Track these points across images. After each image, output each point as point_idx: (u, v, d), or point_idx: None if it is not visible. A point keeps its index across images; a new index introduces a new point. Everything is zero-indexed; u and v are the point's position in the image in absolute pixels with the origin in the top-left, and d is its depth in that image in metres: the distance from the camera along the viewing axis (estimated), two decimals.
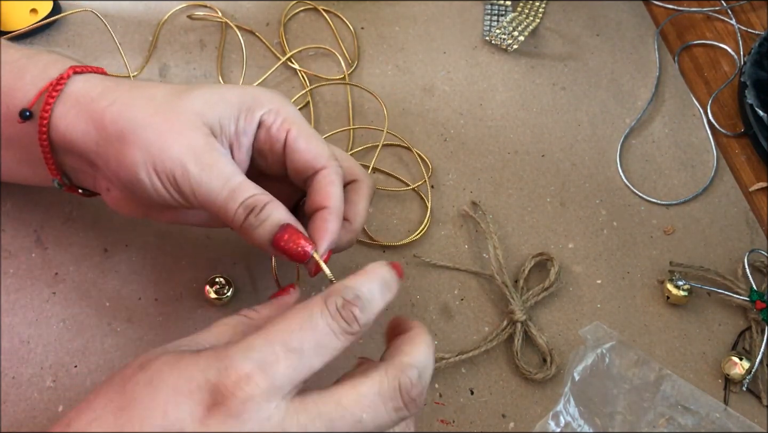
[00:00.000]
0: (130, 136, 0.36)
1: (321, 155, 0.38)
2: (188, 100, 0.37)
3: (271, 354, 0.29)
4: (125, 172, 0.36)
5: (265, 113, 0.38)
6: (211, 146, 0.36)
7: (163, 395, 0.29)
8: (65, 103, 0.37)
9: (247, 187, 0.36)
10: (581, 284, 0.49)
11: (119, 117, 0.36)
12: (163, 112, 0.36)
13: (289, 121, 0.38)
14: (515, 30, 0.57)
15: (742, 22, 0.61)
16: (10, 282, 0.44)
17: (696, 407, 0.43)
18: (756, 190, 0.54)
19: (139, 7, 0.56)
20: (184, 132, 0.36)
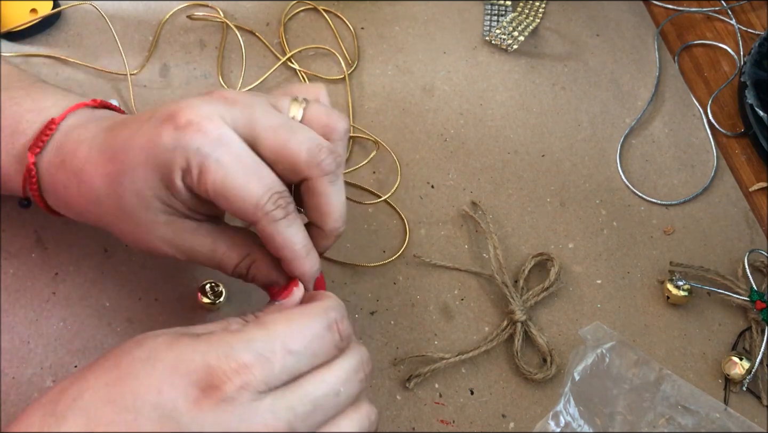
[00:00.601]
0: (116, 233, 0.38)
1: (246, 211, 0.34)
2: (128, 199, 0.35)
3: (270, 351, 0.30)
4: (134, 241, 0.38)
5: (181, 178, 0.34)
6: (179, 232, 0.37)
7: (159, 372, 0.29)
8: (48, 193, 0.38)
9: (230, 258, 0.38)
10: (581, 284, 0.49)
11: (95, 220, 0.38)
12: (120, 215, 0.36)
13: (204, 178, 0.34)
14: (515, 30, 0.57)
15: (742, 22, 0.61)
16: (10, 282, 0.44)
17: (696, 407, 0.43)
18: (756, 190, 0.54)
19: (139, 7, 0.56)
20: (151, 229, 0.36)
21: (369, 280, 0.47)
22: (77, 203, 0.38)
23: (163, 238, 0.37)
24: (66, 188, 0.37)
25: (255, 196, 0.34)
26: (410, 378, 0.44)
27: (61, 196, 0.38)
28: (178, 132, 0.34)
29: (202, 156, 0.33)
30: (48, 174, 0.38)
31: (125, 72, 0.52)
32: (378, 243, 0.48)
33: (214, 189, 0.34)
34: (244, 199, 0.34)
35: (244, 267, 0.38)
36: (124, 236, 0.38)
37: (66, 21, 0.54)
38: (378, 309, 0.46)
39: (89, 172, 0.36)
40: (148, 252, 0.38)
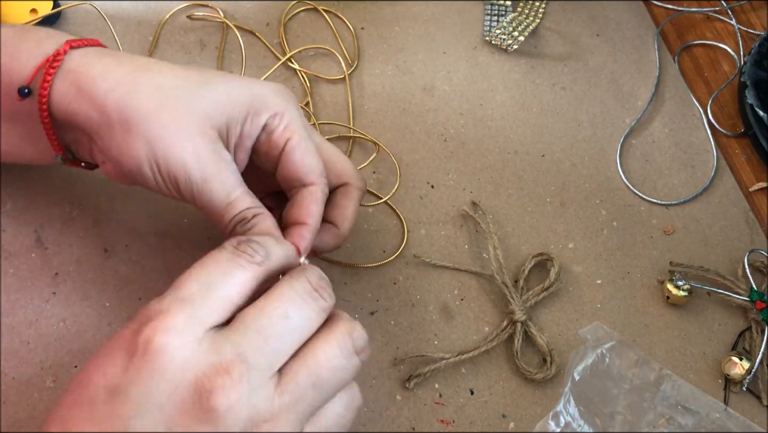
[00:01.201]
0: (134, 127, 0.35)
1: (312, 171, 0.39)
2: (198, 99, 0.36)
3: (187, 291, 0.30)
4: (127, 162, 0.36)
5: (270, 117, 0.38)
6: (216, 155, 0.36)
7: (100, 356, 0.30)
8: (65, 80, 0.36)
9: (243, 201, 0.37)
10: (581, 284, 0.49)
11: (123, 105, 0.35)
12: (171, 107, 0.36)
13: (291, 129, 0.38)
14: (515, 30, 0.57)
15: (742, 22, 0.61)
16: (10, 282, 0.44)
17: (696, 407, 0.43)
18: (756, 190, 0.54)
19: (139, 7, 0.56)
20: (191, 135, 0.36)
21: (369, 280, 0.47)
22: (112, 83, 0.36)
23: (198, 152, 0.36)
24: (108, 68, 0.36)
25: (321, 166, 0.39)
26: (410, 378, 0.44)
27: (88, 76, 0.36)
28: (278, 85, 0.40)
29: (298, 113, 0.39)
30: (82, 61, 0.37)
31: None
32: (378, 243, 0.48)
33: (297, 141, 0.38)
34: (317, 161, 0.39)
35: (251, 213, 0.37)
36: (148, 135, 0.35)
37: (66, 21, 0.54)
38: (378, 309, 0.46)
39: (157, 66, 0.37)
40: (155, 165, 0.36)
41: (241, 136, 0.38)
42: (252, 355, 0.29)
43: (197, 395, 0.28)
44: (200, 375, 0.28)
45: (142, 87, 0.36)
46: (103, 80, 0.36)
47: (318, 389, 0.31)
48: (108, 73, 0.36)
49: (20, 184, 0.47)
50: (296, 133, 0.38)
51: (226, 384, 0.28)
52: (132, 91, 0.36)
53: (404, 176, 0.51)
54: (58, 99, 0.36)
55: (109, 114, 0.36)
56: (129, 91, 0.36)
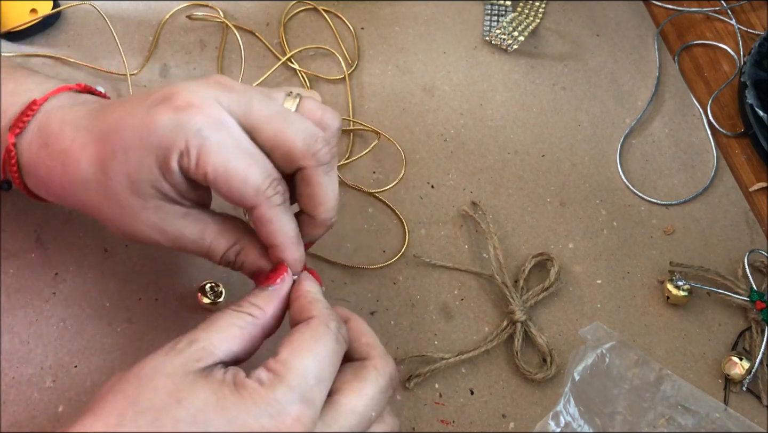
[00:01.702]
0: (100, 218, 0.37)
1: (246, 195, 0.34)
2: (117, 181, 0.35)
3: (308, 389, 0.31)
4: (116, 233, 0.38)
5: (178, 161, 0.34)
6: (167, 218, 0.36)
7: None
8: (29, 175, 0.38)
9: (219, 246, 0.37)
10: (581, 284, 0.49)
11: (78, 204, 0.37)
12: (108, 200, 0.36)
13: (203, 161, 0.33)
14: (515, 30, 0.57)
15: (742, 22, 0.61)
16: (10, 282, 0.44)
17: (696, 407, 0.43)
18: (756, 190, 0.54)
19: (139, 7, 0.56)
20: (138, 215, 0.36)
21: (369, 280, 0.47)
22: (60, 186, 0.36)
23: (150, 223, 0.36)
24: (49, 170, 0.36)
25: (257, 181, 0.34)
26: (410, 378, 0.44)
27: (42, 178, 0.37)
28: (177, 113, 0.33)
29: (202, 138, 0.33)
30: (29, 156, 0.37)
31: (125, 72, 0.52)
32: (378, 243, 0.48)
33: (214, 172, 0.33)
34: (245, 183, 0.34)
35: (232, 254, 0.38)
36: (108, 221, 0.37)
37: (66, 21, 0.54)
38: (378, 309, 0.46)
39: (75, 154, 0.35)
40: (133, 238, 0.37)
41: (172, 185, 0.35)
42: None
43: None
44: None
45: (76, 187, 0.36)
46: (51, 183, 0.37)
47: None
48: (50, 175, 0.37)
49: None
50: (210, 163, 0.33)
51: None
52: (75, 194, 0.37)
53: (404, 175, 0.51)
54: (35, 190, 0.39)
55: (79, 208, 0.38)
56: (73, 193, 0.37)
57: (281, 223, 0.36)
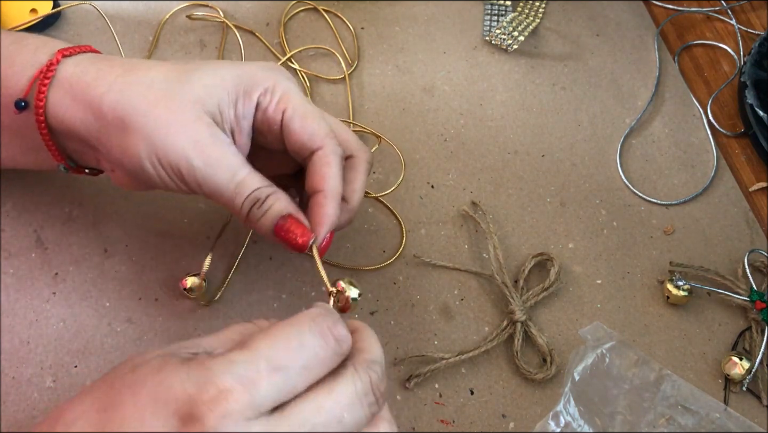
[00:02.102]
0: (131, 126, 0.35)
1: (316, 135, 0.38)
2: (188, 87, 0.37)
3: (255, 371, 0.28)
4: (129, 162, 0.36)
5: (261, 94, 0.38)
6: (215, 138, 0.36)
7: (143, 401, 0.28)
8: (59, 90, 0.37)
9: (251, 181, 0.37)
10: (581, 284, 0.49)
11: (117, 105, 0.36)
12: (164, 100, 0.36)
13: (285, 100, 0.38)
14: (515, 30, 0.57)
15: (742, 22, 0.61)
16: (10, 282, 0.44)
17: (696, 407, 0.43)
18: (756, 190, 0.54)
19: (139, 7, 0.56)
20: (187, 124, 0.36)
21: (369, 280, 0.47)
22: (102, 90, 0.36)
23: (195, 137, 0.36)
24: (99, 75, 0.36)
25: (326, 128, 0.38)
26: (410, 378, 0.44)
27: (81, 87, 0.36)
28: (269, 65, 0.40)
29: (289, 83, 0.39)
30: (75, 71, 0.37)
31: None
32: (378, 243, 0.48)
33: (293, 111, 0.38)
34: (318, 125, 0.38)
35: (263, 193, 0.37)
36: (146, 132, 0.35)
37: (66, 21, 0.54)
38: (378, 309, 0.46)
39: (148, 64, 0.37)
40: (157, 160, 0.36)
41: (236, 118, 0.38)
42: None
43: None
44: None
45: (133, 86, 0.36)
46: (96, 86, 0.36)
47: None
48: (100, 78, 0.37)
49: (20, 184, 0.47)
50: (291, 102, 0.38)
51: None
52: (125, 92, 0.36)
53: (404, 177, 0.51)
54: (54, 110, 0.37)
55: (105, 117, 0.36)
56: (122, 91, 0.36)
57: (337, 170, 0.38)
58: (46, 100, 0.37)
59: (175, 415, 0.28)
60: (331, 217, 0.37)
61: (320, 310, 0.32)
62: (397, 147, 0.52)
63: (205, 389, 0.28)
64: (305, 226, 0.37)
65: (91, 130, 0.36)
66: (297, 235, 0.36)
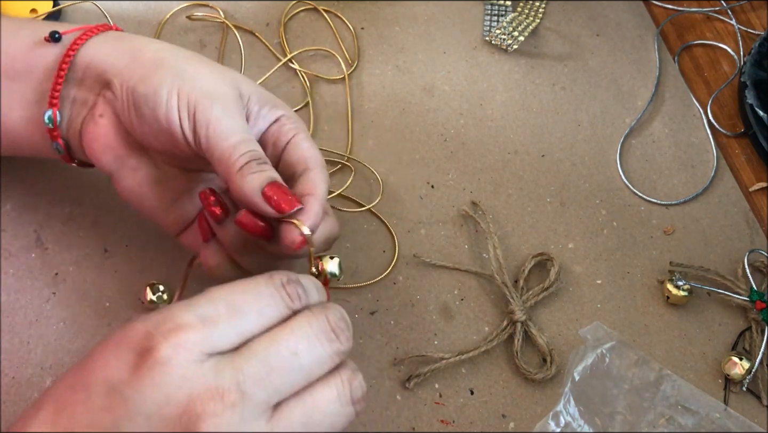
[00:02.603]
0: (167, 64, 0.38)
1: (317, 159, 0.40)
2: (231, 71, 0.40)
3: (213, 310, 0.30)
4: (146, 86, 0.37)
5: (283, 115, 0.41)
6: (238, 102, 0.39)
7: (110, 347, 0.30)
8: (104, 37, 0.40)
9: (257, 144, 0.38)
10: (581, 284, 0.49)
11: (161, 52, 0.39)
12: (208, 65, 0.39)
13: (300, 129, 0.41)
14: (515, 30, 0.57)
15: (742, 22, 0.61)
16: (10, 282, 0.44)
17: (696, 407, 0.43)
18: (756, 190, 0.54)
19: (139, 7, 0.56)
20: (220, 81, 0.38)
21: (369, 280, 0.47)
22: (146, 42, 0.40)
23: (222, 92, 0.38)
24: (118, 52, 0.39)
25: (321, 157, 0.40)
26: (410, 378, 0.44)
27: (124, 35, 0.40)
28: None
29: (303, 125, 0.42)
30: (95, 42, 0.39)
31: None
32: (378, 243, 0.48)
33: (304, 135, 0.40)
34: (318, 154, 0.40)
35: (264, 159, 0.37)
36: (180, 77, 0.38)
37: (66, 21, 0.54)
38: (378, 309, 0.46)
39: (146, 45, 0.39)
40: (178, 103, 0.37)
41: (257, 116, 0.40)
42: (251, 386, 0.29)
43: (186, 416, 0.28)
44: (194, 396, 0.28)
45: (181, 52, 0.40)
46: (147, 42, 0.40)
47: (308, 430, 0.30)
48: (152, 41, 0.41)
49: (20, 184, 0.47)
50: (303, 132, 0.41)
51: (216, 411, 0.28)
52: (173, 52, 0.39)
53: (404, 176, 0.51)
54: (86, 50, 0.39)
55: (143, 55, 0.38)
56: (171, 51, 0.39)
57: (324, 187, 0.38)
58: (87, 41, 0.39)
59: (133, 351, 0.29)
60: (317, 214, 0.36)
61: (278, 272, 0.33)
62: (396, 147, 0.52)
63: (163, 324, 0.29)
64: (294, 196, 0.36)
65: (119, 65, 0.38)
66: (285, 198, 0.36)
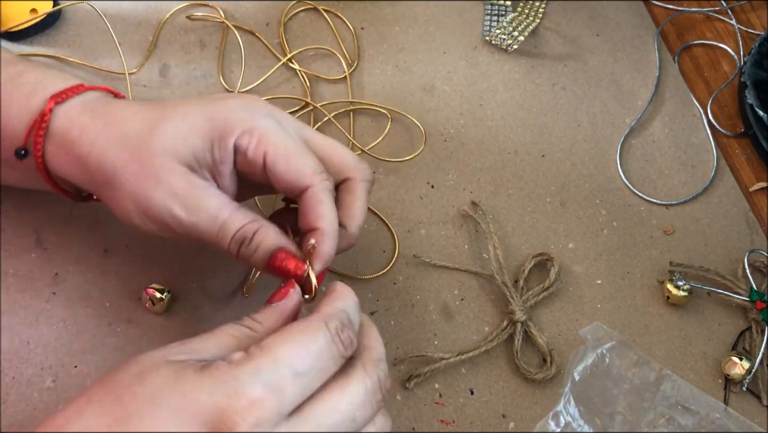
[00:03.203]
0: (115, 183, 0.36)
1: (303, 174, 0.37)
2: (159, 139, 0.36)
3: (280, 378, 0.29)
4: (122, 216, 0.37)
5: (238, 138, 0.37)
6: (192, 185, 0.36)
7: (165, 414, 0.28)
8: (53, 143, 0.38)
9: (235, 220, 0.36)
10: (581, 284, 0.49)
11: (100, 164, 0.37)
12: (138, 156, 0.36)
13: (264, 143, 0.37)
14: (515, 30, 0.57)
15: (742, 22, 0.61)
16: (10, 282, 0.44)
17: (696, 407, 0.43)
18: (756, 190, 0.54)
19: (139, 7, 0.56)
20: (162, 176, 0.36)
21: (369, 280, 0.47)
22: (88, 146, 0.37)
23: (172, 188, 0.36)
24: (83, 130, 0.37)
25: (314, 164, 0.37)
26: (410, 378, 0.44)
27: (70, 139, 0.37)
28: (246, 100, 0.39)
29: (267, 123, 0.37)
30: (64, 121, 0.37)
31: (124, 71, 0.52)
32: (378, 243, 0.48)
33: (275, 152, 0.37)
34: (304, 164, 0.37)
35: (250, 231, 0.36)
36: (126, 187, 0.36)
37: (66, 21, 0.54)
38: (378, 309, 0.46)
39: (124, 115, 0.37)
40: (144, 213, 0.36)
41: (214, 163, 0.37)
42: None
43: None
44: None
45: (111, 143, 0.37)
46: (81, 143, 0.37)
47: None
48: (84, 134, 0.37)
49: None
50: (271, 143, 0.37)
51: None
52: (105, 149, 0.37)
53: (405, 175, 0.51)
54: (51, 161, 0.38)
55: (93, 175, 0.37)
56: (102, 148, 0.37)
57: (330, 207, 0.37)
58: (44, 151, 0.38)
59: (205, 426, 0.28)
60: (325, 255, 0.37)
61: (330, 310, 0.33)
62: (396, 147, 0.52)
63: (236, 399, 0.28)
64: (298, 258, 0.36)
65: (85, 183, 0.38)
66: (291, 268, 0.36)
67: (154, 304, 0.43)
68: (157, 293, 0.43)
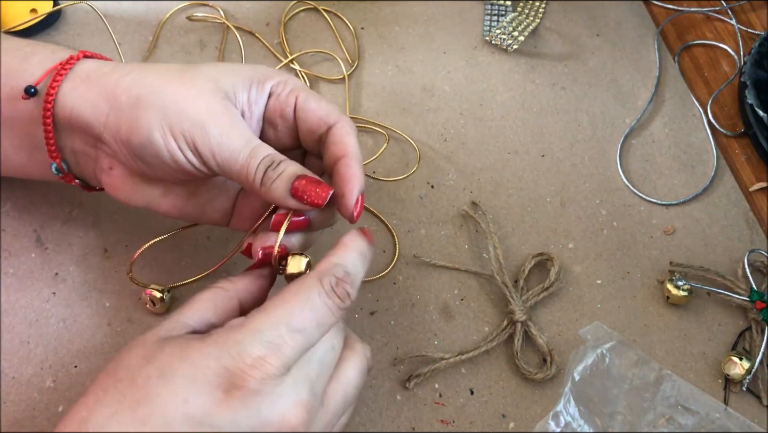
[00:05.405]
0: (145, 101, 0.37)
1: (332, 111, 0.40)
2: (203, 69, 0.38)
3: (278, 336, 0.32)
4: (137, 136, 0.37)
5: (274, 84, 0.40)
6: (228, 110, 0.38)
7: (180, 385, 0.31)
8: (74, 80, 0.38)
9: (264, 147, 0.38)
10: (581, 284, 0.49)
11: (134, 85, 0.37)
12: (179, 78, 0.38)
13: (297, 89, 0.40)
14: (515, 30, 0.57)
15: (742, 22, 0.61)
16: (10, 282, 0.44)
17: (696, 407, 0.43)
18: (756, 190, 0.54)
19: (139, 7, 0.56)
20: (201, 95, 0.37)
21: (369, 280, 0.47)
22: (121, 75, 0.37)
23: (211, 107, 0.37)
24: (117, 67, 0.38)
25: (337, 108, 0.40)
26: (410, 378, 0.44)
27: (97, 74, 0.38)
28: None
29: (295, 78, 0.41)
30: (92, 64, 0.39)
31: None
32: (378, 242, 0.48)
33: (306, 94, 0.40)
34: (332, 106, 0.40)
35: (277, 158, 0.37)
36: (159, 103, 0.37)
37: (66, 21, 0.54)
38: (378, 309, 0.46)
39: (157, 67, 0.38)
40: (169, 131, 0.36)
41: (249, 102, 0.39)
42: (318, 387, 0.34)
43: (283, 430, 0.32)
44: (285, 413, 0.32)
45: (150, 71, 0.38)
46: (113, 73, 0.38)
47: (347, 405, 0.36)
48: (117, 69, 0.38)
49: (20, 185, 0.47)
50: (303, 90, 0.40)
51: (306, 420, 0.32)
52: (142, 74, 0.38)
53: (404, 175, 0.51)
54: (64, 99, 0.37)
55: (118, 99, 0.37)
56: (139, 74, 0.38)
57: (356, 139, 0.39)
58: (59, 89, 0.37)
59: (218, 388, 0.31)
60: (359, 176, 0.38)
61: (326, 266, 0.35)
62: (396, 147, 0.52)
63: (242, 360, 0.31)
64: (322, 182, 0.37)
65: (100, 116, 0.37)
66: (315, 191, 0.36)
67: (154, 304, 0.43)
68: (157, 293, 0.43)
